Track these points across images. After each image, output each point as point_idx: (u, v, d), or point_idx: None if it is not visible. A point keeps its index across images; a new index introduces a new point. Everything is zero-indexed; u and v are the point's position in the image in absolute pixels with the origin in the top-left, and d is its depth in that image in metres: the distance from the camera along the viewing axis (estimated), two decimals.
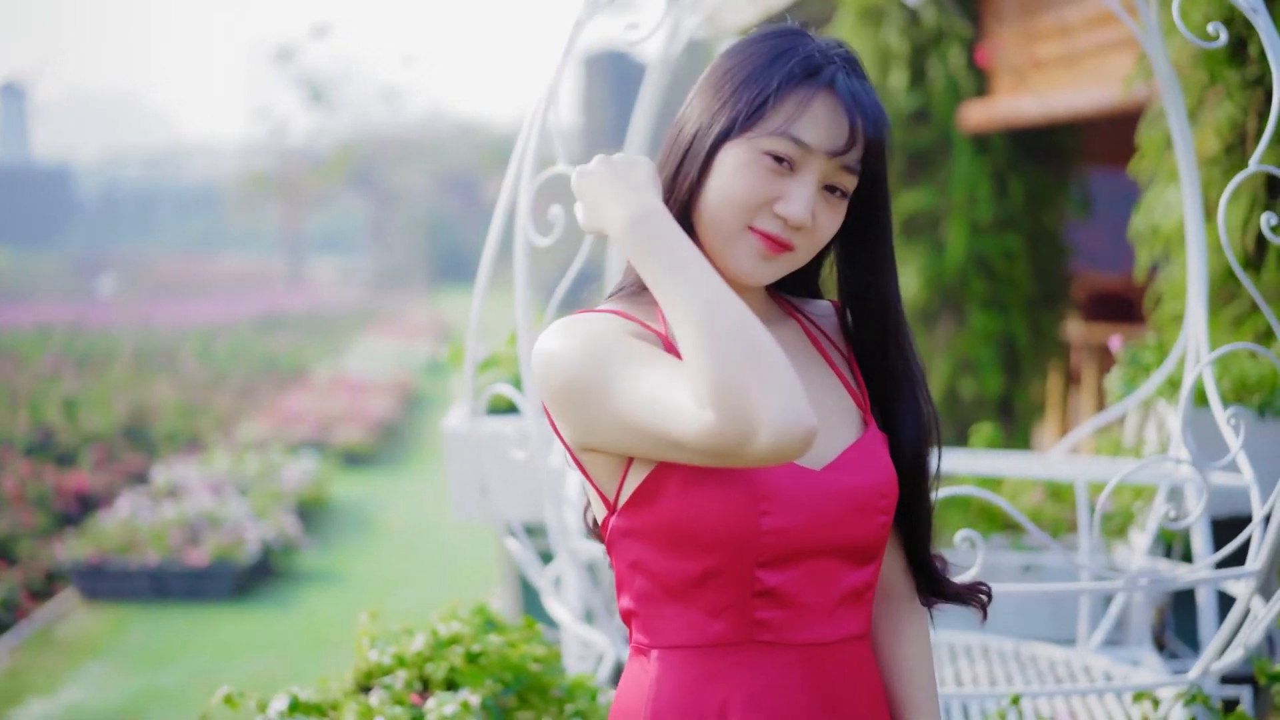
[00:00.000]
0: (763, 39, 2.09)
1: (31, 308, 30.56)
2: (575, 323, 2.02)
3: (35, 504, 10.69)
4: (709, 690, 2.03)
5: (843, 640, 2.08)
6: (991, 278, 10.17)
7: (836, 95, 2.02)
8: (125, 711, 6.85)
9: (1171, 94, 4.33)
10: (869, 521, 2.07)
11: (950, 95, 10.16)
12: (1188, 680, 3.61)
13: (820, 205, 2.04)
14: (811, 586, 2.04)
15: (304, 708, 3.39)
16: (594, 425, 1.97)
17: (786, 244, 2.04)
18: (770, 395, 1.78)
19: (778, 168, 2.02)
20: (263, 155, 43.53)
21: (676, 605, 2.04)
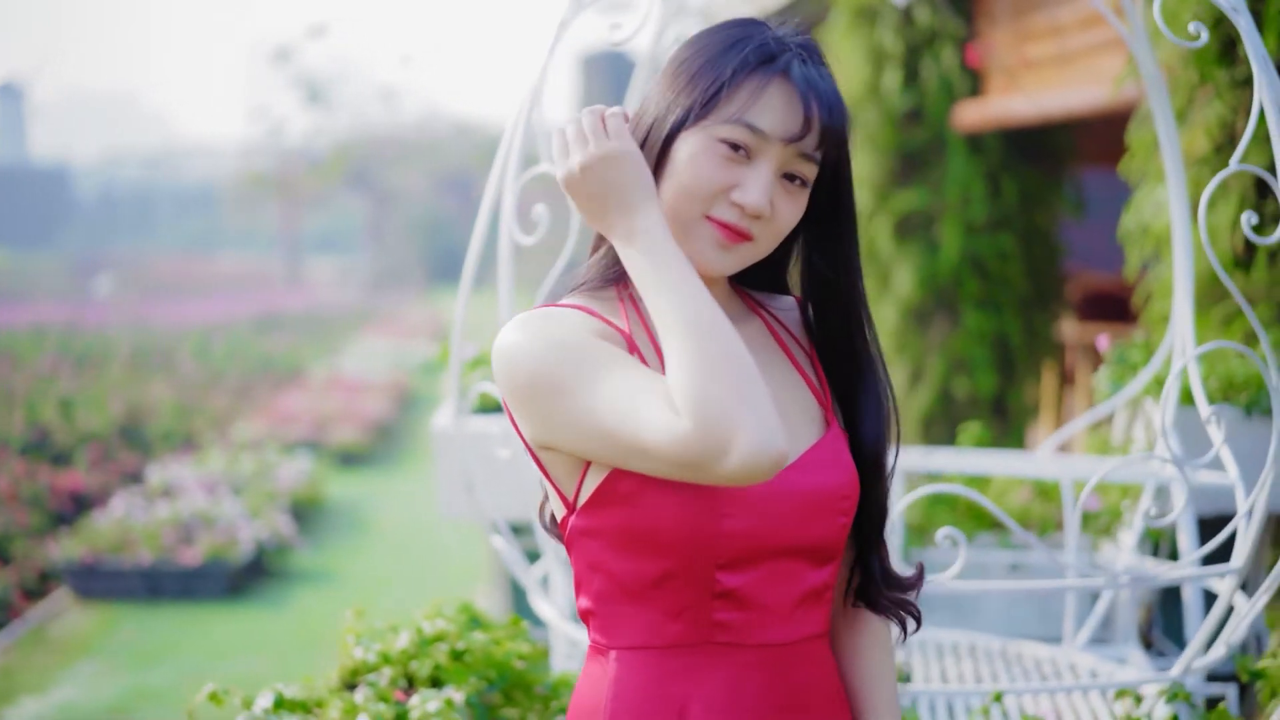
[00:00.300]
0: (720, 28, 2.07)
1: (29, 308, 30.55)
2: (537, 318, 2.01)
3: (30, 503, 10.70)
4: (667, 691, 2.02)
5: (801, 640, 2.07)
6: (985, 278, 10.18)
7: (791, 82, 2.00)
8: (116, 710, 6.86)
9: (1158, 94, 4.33)
10: (829, 522, 2.07)
11: (944, 95, 10.17)
12: (1169, 678, 3.62)
13: (779, 194, 2.03)
14: (771, 588, 2.03)
15: (289, 705, 3.39)
16: (555, 425, 1.95)
17: (745, 233, 2.02)
18: (750, 415, 1.80)
19: (734, 156, 2.00)
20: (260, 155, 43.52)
21: (635, 606, 2.03)
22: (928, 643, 4.73)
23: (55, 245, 55.76)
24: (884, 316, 10.57)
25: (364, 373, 20.13)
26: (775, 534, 2.01)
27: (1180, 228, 4.33)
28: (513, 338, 1.99)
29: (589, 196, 1.99)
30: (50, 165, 66.79)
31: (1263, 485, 3.39)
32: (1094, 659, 4.42)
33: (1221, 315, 5.55)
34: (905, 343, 10.50)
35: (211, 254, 53.87)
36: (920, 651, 4.65)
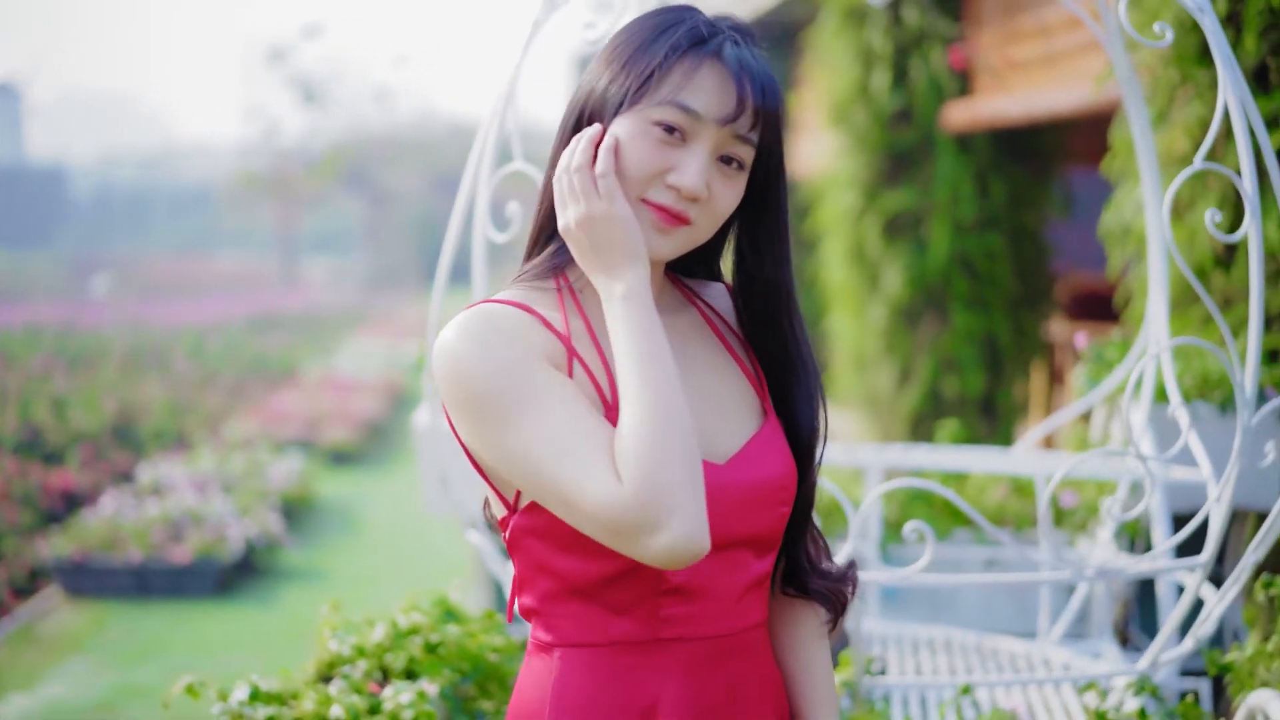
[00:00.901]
0: (653, 14, 2.07)
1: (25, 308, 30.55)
2: (480, 320, 1.99)
3: (21, 502, 10.72)
4: (611, 689, 2.02)
5: (746, 629, 2.09)
6: (974, 277, 10.22)
7: (724, 63, 2.00)
8: (105, 707, 6.89)
9: (1132, 95, 4.37)
10: (771, 513, 2.08)
11: (933, 95, 10.22)
12: (1136, 670, 3.65)
13: (716, 176, 2.01)
14: (719, 580, 2.03)
15: (264, 697, 3.42)
16: (489, 448, 1.95)
17: (681, 215, 2.01)
18: (689, 505, 1.83)
19: (669, 138, 1.99)
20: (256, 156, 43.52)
21: (581, 603, 2.02)
22: (904, 637, 4.76)
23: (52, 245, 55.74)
24: (873, 316, 10.61)
25: (357, 372, 20.16)
26: (720, 526, 1.99)
27: (1154, 227, 4.37)
28: (457, 345, 1.97)
29: (580, 250, 2.00)
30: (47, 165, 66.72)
31: (1228, 479, 3.43)
32: (1068, 654, 4.46)
33: (1201, 314, 5.58)
34: (894, 342, 10.54)
35: (208, 254, 53.87)
36: (896, 646, 4.69)
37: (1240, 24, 5.20)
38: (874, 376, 10.86)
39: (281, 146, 42.26)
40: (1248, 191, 3.34)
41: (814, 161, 13.13)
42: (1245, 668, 3.62)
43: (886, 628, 4.81)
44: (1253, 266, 3.36)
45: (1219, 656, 3.65)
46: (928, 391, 10.42)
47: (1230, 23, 5.20)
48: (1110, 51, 4.27)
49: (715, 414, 2.09)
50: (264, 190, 43.01)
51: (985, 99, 9.80)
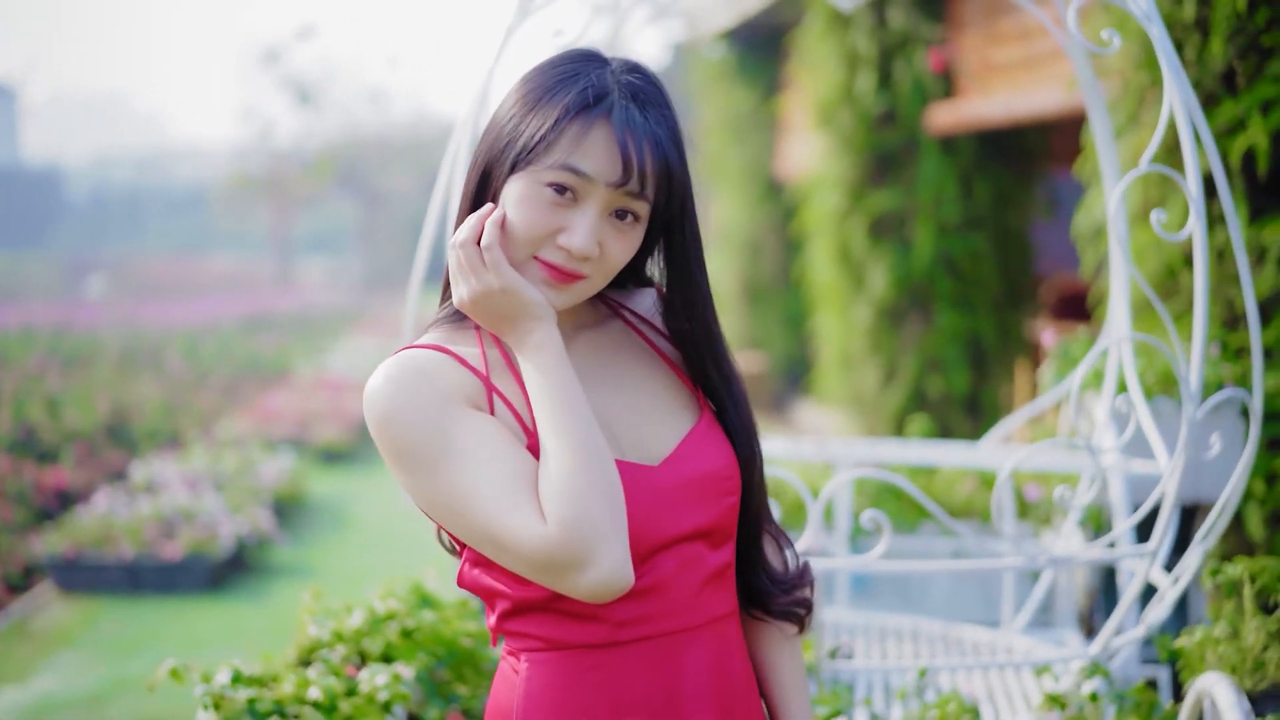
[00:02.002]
0: (552, 66, 2.11)
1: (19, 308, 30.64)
2: (405, 369, 2.06)
3: (15, 499, 10.85)
4: (576, 693, 2.08)
5: (708, 623, 2.14)
6: (958, 277, 10.33)
7: (612, 126, 2.03)
8: (95, 699, 7.00)
9: (1093, 98, 4.49)
10: (715, 505, 2.14)
11: (917, 97, 10.34)
12: (1087, 655, 3.78)
13: (608, 233, 2.06)
14: (674, 577, 2.10)
15: (246, 680, 3.55)
16: (420, 496, 2.03)
17: (573, 274, 2.06)
18: (613, 545, 1.92)
19: (560, 199, 2.03)
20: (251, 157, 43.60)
21: (540, 615, 2.09)
22: (872, 626, 4.88)
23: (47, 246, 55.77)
24: (858, 316, 10.73)
25: (350, 372, 20.27)
26: (663, 525, 2.08)
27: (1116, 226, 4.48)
28: (382, 395, 2.04)
29: (482, 321, 2.07)
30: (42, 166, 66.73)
31: (1173, 470, 3.55)
32: (1031, 642, 4.58)
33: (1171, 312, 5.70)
34: (879, 342, 10.65)
35: (202, 255, 53.97)
36: (864, 634, 4.81)
37: (1208, 28, 5.32)
38: (859, 375, 10.97)
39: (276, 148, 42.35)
40: (1192, 194, 3.46)
41: (800, 163, 13.25)
42: (1195, 653, 3.75)
43: (855, 617, 4.94)
44: (1197, 266, 3.49)
45: (1169, 642, 3.78)
46: (912, 391, 10.54)
47: (1198, 27, 5.32)
48: (1072, 57, 4.39)
49: (646, 420, 2.16)
50: (259, 191, 43.10)
51: (968, 101, 9.91)
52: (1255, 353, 3.63)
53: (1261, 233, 5.11)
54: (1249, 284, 3.59)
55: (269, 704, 3.46)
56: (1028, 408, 5.01)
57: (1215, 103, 5.27)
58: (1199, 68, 5.32)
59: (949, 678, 4.23)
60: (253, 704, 3.45)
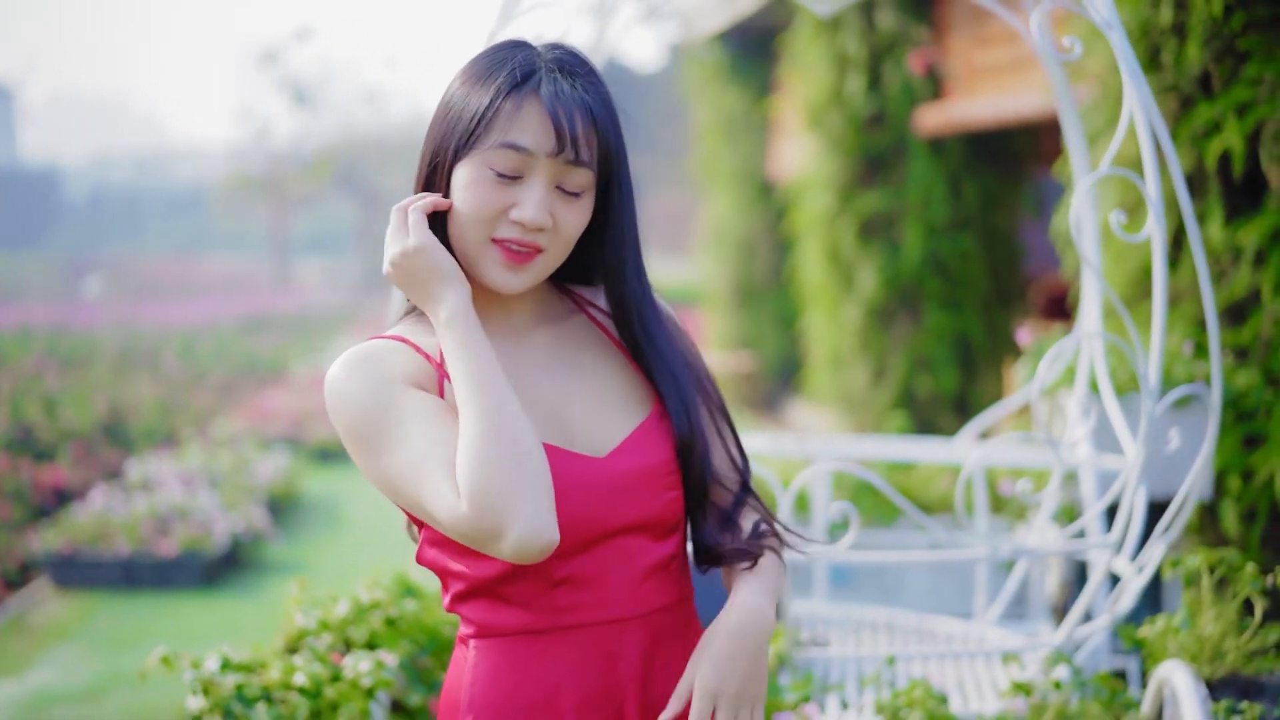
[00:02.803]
0: (484, 56, 2.22)
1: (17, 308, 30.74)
2: (361, 358, 2.18)
3: (12, 497, 10.97)
4: (520, 676, 2.18)
5: (651, 613, 2.23)
6: (947, 277, 10.42)
7: (540, 99, 2.13)
8: (90, 693, 7.11)
9: (1065, 103, 4.61)
10: (656, 498, 2.23)
11: (906, 99, 10.44)
12: (1050, 644, 3.89)
13: (558, 203, 2.17)
14: (610, 567, 2.19)
15: (234, 666, 3.66)
16: (368, 472, 2.14)
17: (531, 247, 2.17)
18: (522, 508, 1.99)
19: (505, 179, 2.15)
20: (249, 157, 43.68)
21: (485, 600, 2.19)
22: (849, 618, 4.99)
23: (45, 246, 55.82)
24: (848, 316, 10.83)
25: None
26: (601, 516, 2.17)
27: (1088, 226, 4.59)
28: (339, 383, 2.16)
29: (403, 287, 2.18)
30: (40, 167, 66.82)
31: (1133, 465, 3.66)
32: (1003, 633, 4.68)
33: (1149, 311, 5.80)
34: (868, 341, 10.75)
35: (200, 255, 54.02)
36: (840, 626, 4.92)
37: (1184, 33, 5.42)
38: (849, 375, 11.07)
39: (273, 148, 42.42)
40: (1151, 196, 3.57)
41: (791, 164, 13.36)
42: (1158, 642, 3.86)
43: (832, 609, 5.05)
44: (1156, 266, 3.60)
45: (1133, 631, 3.89)
46: (901, 390, 10.63)
47: (1175, 32, 5.42)
48: (1044, 63, 4.50)
49: (597, 412, 2.25)
50: (257, 192, 43.18)
51: (956, 103, 10.01)
52: (1213, 349, 3.74)
53: (1237, 233, 5.22)
54: (1207, 282, 3.70)
55: (256, 690, 3.58)
56: (999, 405, 5.11)
57: (1192, 106, 5.37)
58: (1176, 71, 5.43)
59: (921, 667, 4.33)
60: (240, 689, 3.56)
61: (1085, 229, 4.58)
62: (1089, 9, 3.72)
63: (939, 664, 4.39)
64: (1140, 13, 5.50)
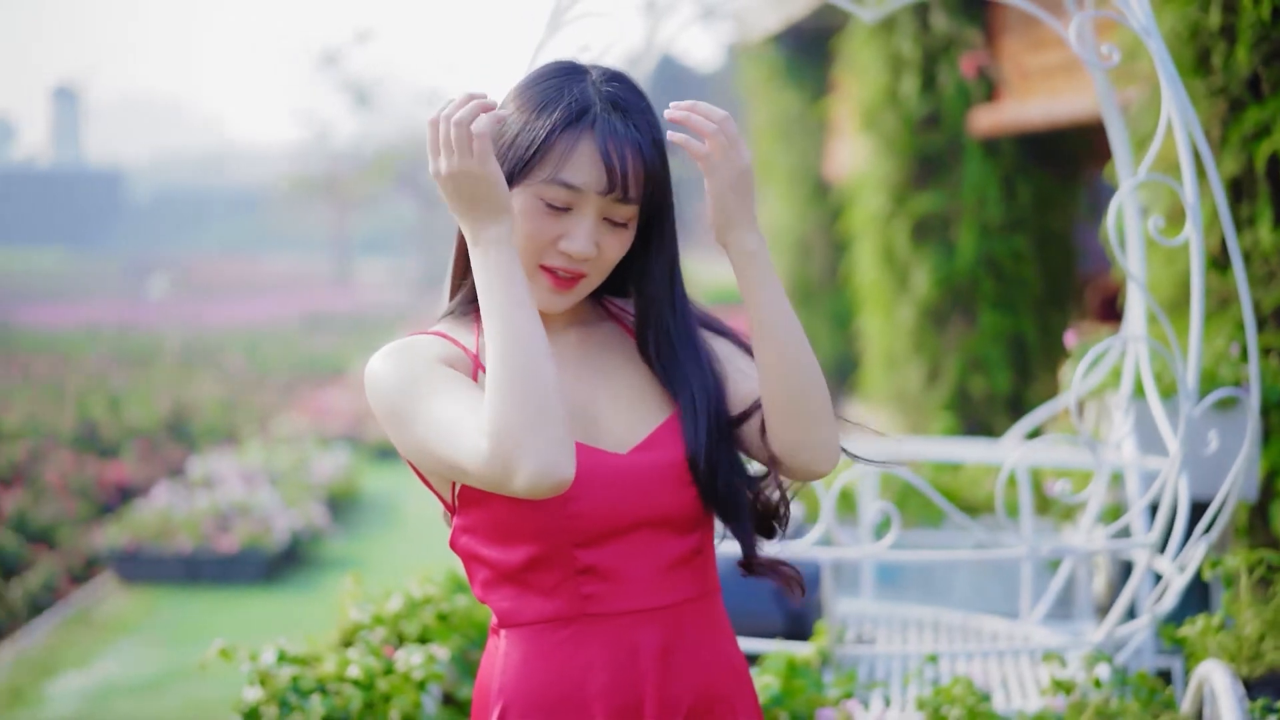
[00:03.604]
0: (539, 81, 2.28)
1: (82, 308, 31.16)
2: (399, 348, 2.27)
3: (77, 494, 11.18)
4: (550, 662, 2.26)
5: (674, 604, 2.30)
6: (1001, 278, 10.43)
7: (596, 138, 2.20)
8: (152, 685, 7.26)
9: (1108, 106, 4.65)
10: (677, 494, 2.29)
11: (960, 100, 10.45)
12: (1091, 643, 3.95)
13: (604, 233, 2.25)
14: (633, 558, 2.26)
15: (290, 659, 3.77)
16: (406, 449, 2.23)
17: (576, 274, 2.26)
18: (536, 443, 2.06)
19: (556, 210, 2.23)
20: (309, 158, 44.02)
21: (514, 588, 2.27)
22: (895, 617, 5.05)
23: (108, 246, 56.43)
24: (901, 316, 10.86)
25: None
26: (624, 510, 2.25)
27: (1133, 229, 4.64)
28: (376, 368, 2.25)
29: (449, 197, 2.20)
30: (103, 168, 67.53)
31: (1172, 465, 3.72)
32: (1047, 632, 4.73)
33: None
34: (922, 342, 10.77)
35: (261, 255, 54.50)
36: (887, 624, 4.99)
37: (1234, 36, 5.44)
38: (903, 375, 11.10)
39: (334, 149, 42.75)
40: (1189, 201, 3.63)
41: (846, 165, 13.40)
42: (1198, 641, 3.90)
43: (879, 608, 5.11)
44: (1194, 269, 3.66)
45: (1173, 631, 3.94)
46: (955, 390, 10.65)
47: (1224, 34, 5.45)
48: (1090, 69, 4.55)
49: (621, 411, 2.33)
50: (316, 192, 43.51)
51: (1010, 104, 10.03)
52: (1251, 351, 3.78)
53: None
54: (1245, 285, 3.74)
55: (311, 682, 3.69)
56: (1046, 406, 5.16)
57: (1241, 108, 5.39)
58: (1225, 74, 5.45)
59: (966, 665, 4.39)
60: (296, 681, 3.67)
61: (1130, 233, 4.63)
62: (1128, 16, 3.77)
63: (983, 662, 4.45)
64: (1189, 15, 5.53)
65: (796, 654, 3.84)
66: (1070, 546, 3.92)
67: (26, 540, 9.81)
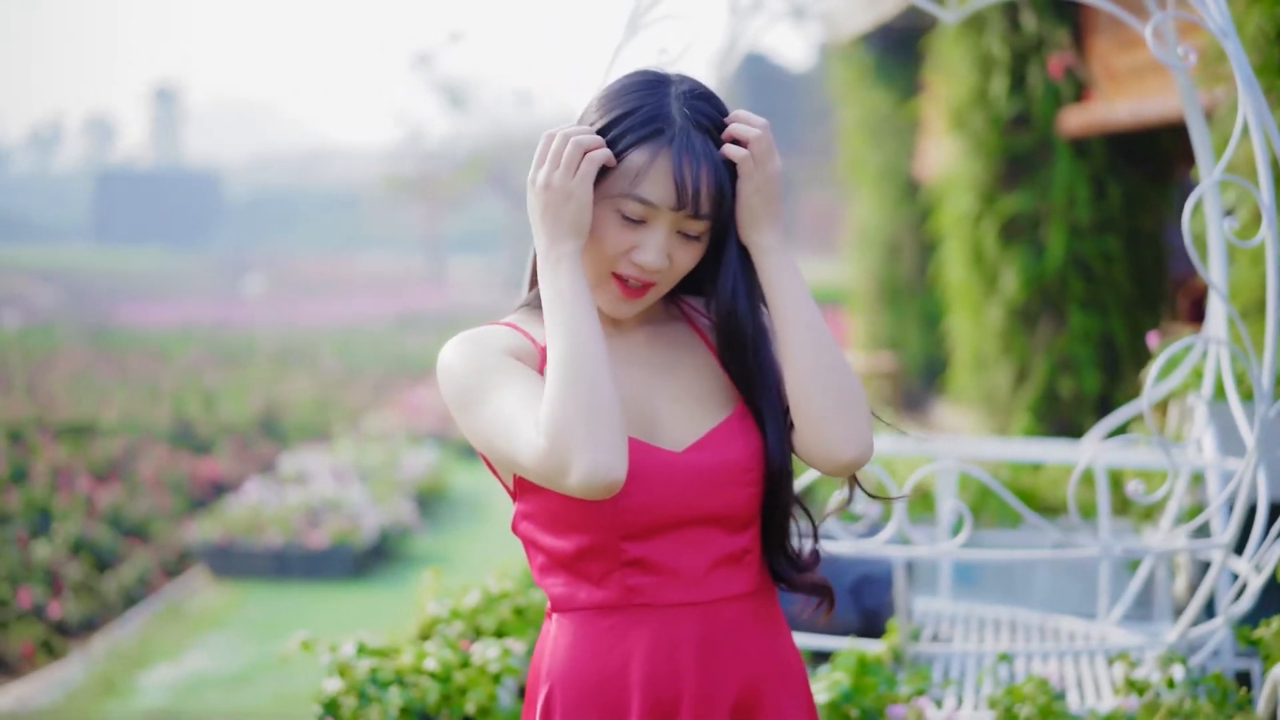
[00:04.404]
0: (621, 92, 2.31)
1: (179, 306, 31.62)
2: (470, 338, 2.32)
3: (171, 489, 11.38)
4: (597, 647, 2.31)
5: (721, 600, 2.34)
6: (1090, 279, 10.37)
7: (673, 156, 2.24)
8: (241, 678, 7.39)
9: (1191, 107, 4.63)
10: (734, 494, 2.33)
11: (1049, 100, 10.40)
12: (1164, 643, 3.94)
13: (675, 246, 2.29)
14: (681, 554, 2.31)
15: (369, 651, 3.85)
16: (470, 435, 2.29)
17: (647, 284, 2.31)
18: (590, 446, 2.11)
19: (631, 221, 2.27)
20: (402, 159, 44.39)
21: (566, 575, 2.33)
22: (972, 616, 5.06)
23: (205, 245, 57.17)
24: (990, 317, 10.82)
25: None
26: (675, 507, 2.30)
27: (1214, 230, 4.62)
28: (447, 356, 2.32)
29: (536, 208, 2.27)
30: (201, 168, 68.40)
31: (1246, 466, 3.70)
32: (1125, 633, 4.72)
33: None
34: (1011, 343, 10.73)
35: (355, 254, 55.00)
36: (964, 624, 4.99)
37: None
38: (991, 376, 11.06)
39: (427, 149, 43.08)
40: (1265, 202, 3.61)
41: (935, 165, 13.36)
42: (1274, 643, 3.88)
43: (956, 607, 5.12)
44: (1270, 270, 3.64)
45: (1249, 633, 3.92)
46: (1044, 391, 10.59)
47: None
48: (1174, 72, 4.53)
49: (681, 409, 2.37)
50: (410, 192, 43.86)
51: (1099, 104, 9.97)
52: None
53: None
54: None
55: (389, 673, 3.76)
56: (1127, 407, 5.14)
57: None
58: None
59: (1040, 665, 4.39)
60: (374, 673, 3.74)
61: (1211, 234, 4.60)
62: (1206, 18, 3.77)
63: (1059, 662, 4.45)
64: (1277, 15, 5.49)
65: (868, 652, 3.86)
66: (1142, 546, 3.92)
67: (121, 534, 10.02)
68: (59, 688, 7.22)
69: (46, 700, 7.00)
